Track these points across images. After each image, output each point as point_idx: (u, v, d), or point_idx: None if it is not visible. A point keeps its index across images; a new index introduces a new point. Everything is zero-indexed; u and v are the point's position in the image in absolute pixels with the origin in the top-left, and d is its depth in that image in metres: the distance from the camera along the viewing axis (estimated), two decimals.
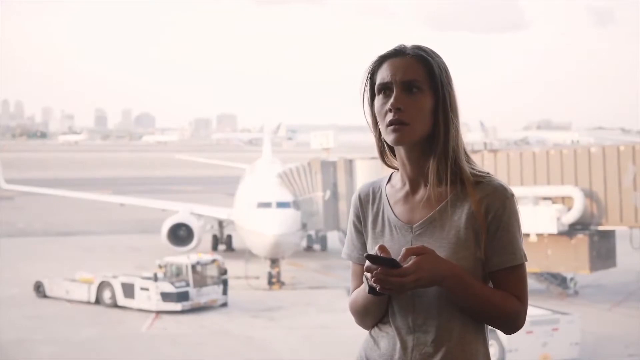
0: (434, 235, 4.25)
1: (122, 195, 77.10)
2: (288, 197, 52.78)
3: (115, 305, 44.39)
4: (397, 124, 4.20)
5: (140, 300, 43.82)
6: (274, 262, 49.97)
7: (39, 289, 46.61)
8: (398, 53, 4.28)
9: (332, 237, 61.25)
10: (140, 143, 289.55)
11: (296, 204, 52.65)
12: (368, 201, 4.50)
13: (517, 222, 4.28)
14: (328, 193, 54.12)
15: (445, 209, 4.27)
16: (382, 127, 4.30)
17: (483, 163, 44.57)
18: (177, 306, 43.31)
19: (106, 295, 44.82)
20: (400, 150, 4.36)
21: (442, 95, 4.25)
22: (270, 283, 49.74)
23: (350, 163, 54.81)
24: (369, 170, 52.91)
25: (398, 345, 4.31)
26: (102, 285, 44.98)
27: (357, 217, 4.53)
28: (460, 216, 4.24)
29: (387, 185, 4.50)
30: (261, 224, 49.89)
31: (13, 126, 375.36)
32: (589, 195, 44.46)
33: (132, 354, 36.36)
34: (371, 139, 4.53)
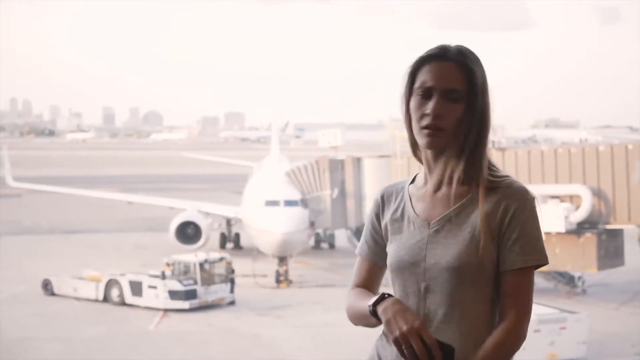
0: (450, 232, 4.27)
1: (129, 193, 77.14)
2: (296, 195, 52.80)
3: (123, 303, 44.44)
4: (433, 129, 4.22)
5: (148, 298, 43.87)
6: (282, 260, 49.98)
7: (46, 286, 46.66)
8: (441, 56, 4.27)
9: (340, 236, 61.22)
10: (148, 141, 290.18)
11: (304, 202, 52.66)
12: (390, 200, 4.53)
13: (536, 224, 4.27)
14: (336, 191, 54.09)
15: (464, 207, 4.29)
16: (415, 127, 4.30)
17: None
18: (185, 304, 43.34)
19: (114, 293, 44.87)
20: (427, 151, 4.36)
21: (480, 107, 4.27)
22: (277, 281, 49.75)
23: (358, 161, 54.77)
24: (377, 169, 52.92)
25: None
26: (110, 283, 45.03)
27: (377, 215, 4.56)
28: (478, 215, 4.25)
29: (411, 185, 4.53)
30: (269, 222, 49.91)
31: (21, 124, 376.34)
32: (597, 193, 44.40)
33: (139, 352, 36.37)
34: (378, 137, 4.55)
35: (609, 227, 44.89)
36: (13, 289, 47.43)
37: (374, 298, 4.27)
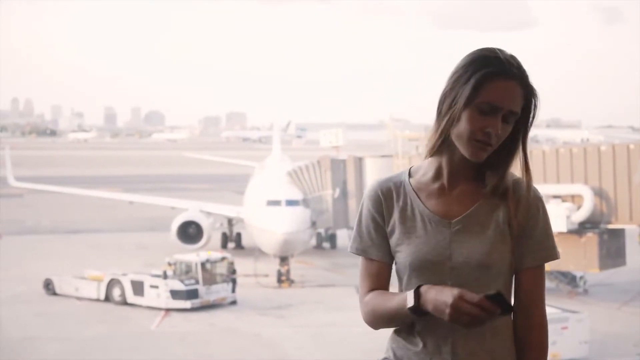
0: (474, 231, 4.25)
1: (131, 193, 77.20)
2: (297, 195, 52.81)
3: (124, 302, 44.47)
4: (485, 145, 4.19)
5: (150, 297, 43.89)
6: (283, 260, 49.99)
7: (48, 286, 46.68)
8: (509, 74, 4.20)
9: (342, 235, 61.24)
10: (149, 141, 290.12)
11: (306, 202, 52.67)
12: (391, 196, 4.41)
13: (549, 220, 4.37)
14: (337, 191, 54.11)
15: (484, 205, 4.29)
16: (464, 135, 4.19)
17: None
18: (187, 304, 43.36)
19: (116, 292, 44.89)
20: (456, 149, 4.28)
21: (528, 128, 4.33)
22: (279, 281, 49.77)
23: (359, 161, 54.77)
24: (379, 168, 52.89)
25: (436, 344, 4.29)
26: (112, 283, 45.06)
27: (379, 212, 4.42)
28: (499, 213, 4.27)
29: (410, 179, 4.44)
30: (271, 222, 49.91)
31: (23, 124, 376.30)
32: (599, 193, 44.39)
33: (140, 351, 36.39)
34: (378, 137, 4.48)
35: (610, 227, 44.89)
36: (14, 289, 47.44)
37: (407, 298, 4.15)
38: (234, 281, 45.24)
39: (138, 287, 44.39)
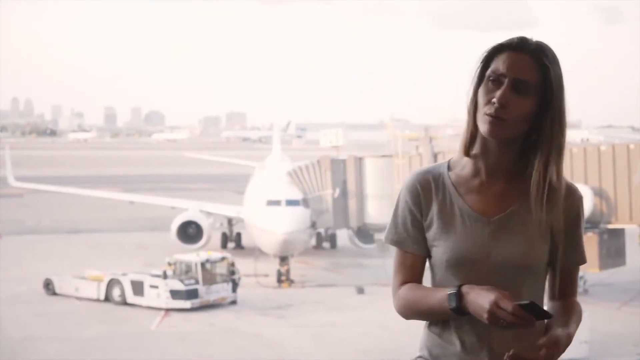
0: (513, 229, 4.24)
1: (131, 193, 77.22)
2: (297, 195, 52.80)
3: (124, 302, 44.46)
4: (495, 118, 4.14)
5: (150, 297, 43.89)
6: (283, 260, 49.99)
7: (48, 286, 46.68)
8: (519, 47, 4.21)
9: (342, 235, 61.20)
10: (149, 141, 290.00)
11: (306, 202, 52.65)
12: (430, 189, 4.35)
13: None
14: (337, 191, 54.04)
15: (525, 204, 4.27)
16: (480, 112, 4.20)
17: None
18: (187, 304, 43.36)
19: (115, 292, 44.89)
20: (490, 141, 4.25)
21: (556, 106, 4.28)
22: (279, 281, 49.76)
23: (360, 161, 54.71)
24: (379, 168, 52.90)
25: (473, 343, 4.27)
26: (112, 283, 45.05)
27: (417, 205, 4.36)
28: (539, 212, 4.25)
29: (450, 172, 4.40)
30: (271, 222, 49.91)
31: (23, 124, 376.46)
32: (599, 193, 44.38)
33: (140, 352, 36.38)
34: (379, 137, 4.47)
35: (610, 226, 44.87)
36: (14, 289, 47.43)
37: (448, 298, 4.12)
38: (234, 281, 45.22)
39: (138, 287, 44.39)
